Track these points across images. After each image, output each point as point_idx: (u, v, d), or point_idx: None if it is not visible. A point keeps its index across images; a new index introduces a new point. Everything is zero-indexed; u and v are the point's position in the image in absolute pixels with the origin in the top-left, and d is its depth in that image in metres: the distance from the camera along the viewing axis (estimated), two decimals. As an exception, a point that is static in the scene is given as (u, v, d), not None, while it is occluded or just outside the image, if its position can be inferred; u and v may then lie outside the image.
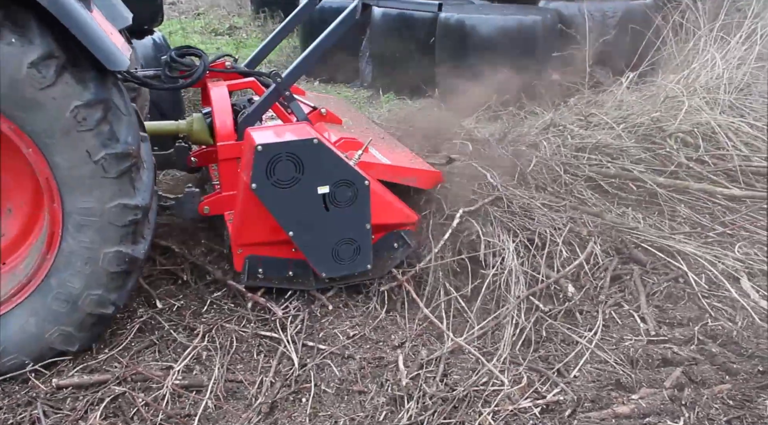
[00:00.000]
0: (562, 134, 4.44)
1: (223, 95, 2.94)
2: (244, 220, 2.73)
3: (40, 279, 2.48)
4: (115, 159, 2.37)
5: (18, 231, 2.64)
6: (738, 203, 3.92)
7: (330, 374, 2.58)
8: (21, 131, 2.29)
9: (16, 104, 2.24)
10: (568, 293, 2.97)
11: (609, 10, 5.70)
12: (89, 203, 2.40)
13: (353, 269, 2.83)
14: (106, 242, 2.45)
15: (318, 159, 2.61)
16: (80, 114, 2.28)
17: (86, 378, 2.51)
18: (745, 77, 5.03)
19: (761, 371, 2.55)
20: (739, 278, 3.18)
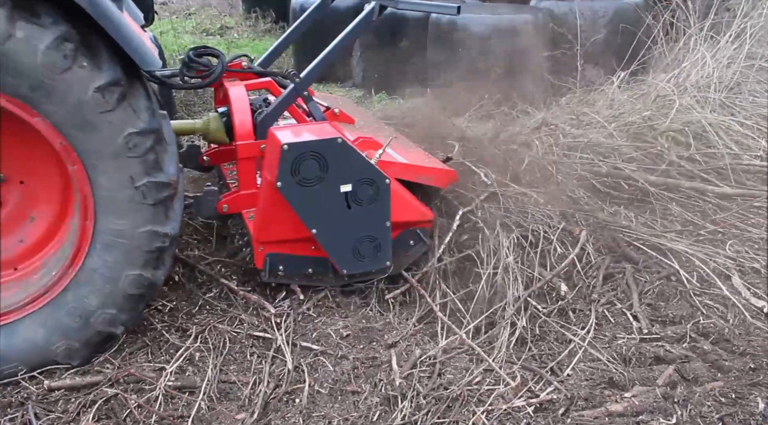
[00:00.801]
0: (554, 133, 4.46)
1: (241, 95, 2.97)
2: (266, 218, 2.76)
3: (57, 292, 2.50)
4: (155, 187, 2.43)
5: (35, 240, 2.65)
6: (729, 201, 3.94)
7: (323, 374, 2.57)
8: (71, 148, 2.33)
9: (75, 124, 2.29)
10: (561, 292, 2.98)
11: (600, 10, 5.72)
12: (122, 226, 2.44)
13: (373, 266, 2.88)
14: (130, 264, 2.49)
15: (342, 158, 2.65)
16: (132, 141, 2.35)
17: (78, 380, 2.49)
18: (735, 76, 5.06)
19: (753, 368, 2.57)
20: (730, 276, 3.20)
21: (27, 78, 2.18)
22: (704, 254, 3.34)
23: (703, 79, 5.04)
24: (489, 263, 3.01)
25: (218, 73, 3.00)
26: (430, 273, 3.03)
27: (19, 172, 2.56)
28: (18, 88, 2.20)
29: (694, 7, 5.69)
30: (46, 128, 2.29)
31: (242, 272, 3.17)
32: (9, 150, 2.50)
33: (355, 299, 3.01)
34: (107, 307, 2.51)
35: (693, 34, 5.48)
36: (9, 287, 2.57)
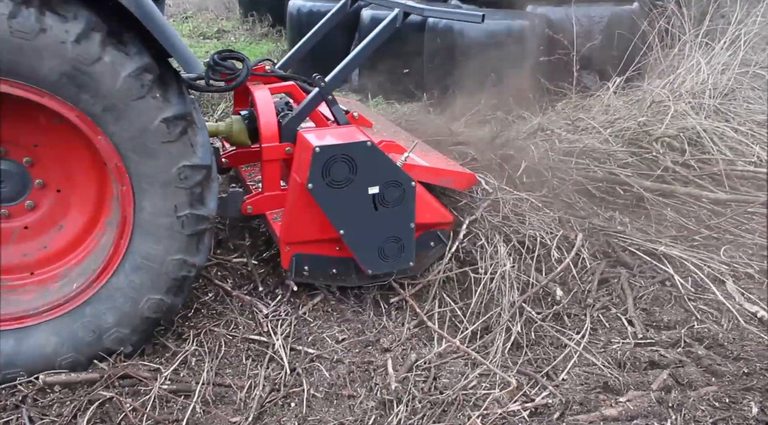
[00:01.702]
0: (550, 138, 4.47)
1: (266, 98, 3.01)
2: (294, 219, 2.81)
3: (76, 304, 2.52)
4: (195, 219, 2.49)
5: (59, 248, 2.67)
6: (723, 206, 3.96)
7: (319, 378, 2.58)
8: (125, 170, 2.40)
9: (135, 148, 2.36)
10: (556, 296, 2.99)
11: (596, 16, 5.74)
12: (155, 250, 2.49)
13: (397, 266, 2.92)
14: (154, 289, 2.53)
15: (370, 161, 2.71)
16: (184, 173, 2.42)
17: (74, 376, 2.49)
18: (730, 82, 5.08)
19: (746, 373, 2.58)
20: (724, 281, 3.22)
21: (103, 99, 2.26)
22: (699, 260, 3.36)
23: (698, 86, 5.07)
24: (487, 269, 3.02)
25: (244, 76, 3.03)
26: (433, 281, 3.04)
27: (59, 180, 2.61)
28: (92, 107, 2.28)
29: (689, 13, 5.72)
30: (106, 147, 2.36)
31: (238, 276, 3.18)
32: (58, 159, 2.56)
33: (351, 304, 3.01)
34: (122, 326, 2.54)
35: (688, 40, 5.51)
36: (28, 291, 2.58)
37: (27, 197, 2.57)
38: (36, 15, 2.10)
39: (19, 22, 2.08)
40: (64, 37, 2.14)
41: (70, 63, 2.18)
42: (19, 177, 2.53)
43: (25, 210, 2.59)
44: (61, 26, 2.14)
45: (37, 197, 2.59)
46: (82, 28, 2.16)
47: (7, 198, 2.54)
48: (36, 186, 2.57)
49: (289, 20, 6.95)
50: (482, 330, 2.83)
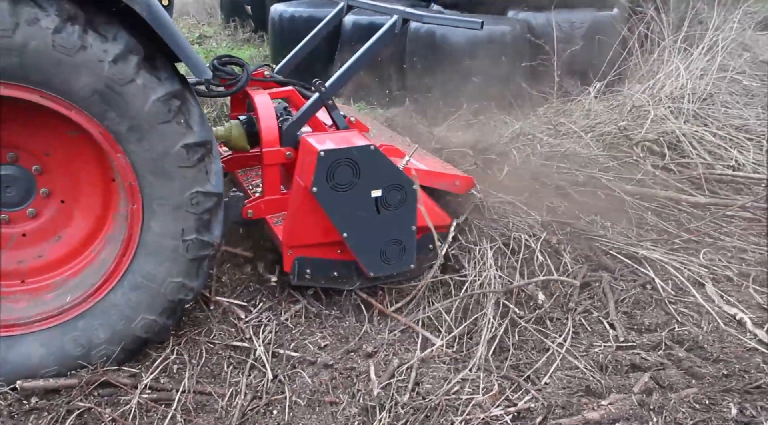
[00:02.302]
0: (532, 142, 4.50)
1: (267, 103, 3.03)
2: (297, 222, 2.83)
3: (69, 317, 2.51)
4: (200, 245, 2.51)
5: (54, 259, 2.66)
6: (702, 210, 4.00)
7: (301, 385, 2.56)
8: (138, 190, 2.41)
9: (152, 170, 2.39)
10: (538, 300, 3.00)
11: (576, 21, 5.79)
12: (156, 271, 2.50)
13: (398, 268, 2.96)
14: (150, 309, 2.54)
15: (373, 165, 2.75)
16: (196, 199, 2.46)
17: (52, 382, 2.45)
18: (708, 88, 5.16)
19: (726, 374, 2.60)
20: (704, 284, 3.25)
21: (130, 119, 2.30)
22: (679, 263, 3.39)
23: (677, 91, 5.13)
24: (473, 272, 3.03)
25: (244, 81, 3.06)
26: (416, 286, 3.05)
27: (64, 191, 2.61)
28: (117, 125, 2.30)
29: (668, 19, 5.80)
30: (124, 165, 2.37)
31: (219, 284, 3.15)
32: (67, 171, 2.57)
33: (333, 310, 3.00)
34: (113, 344, 2.53)
35: (667, 46, 5.59)
36: (19, 299, 2.55)
37: (30, 205, 2.58)
38: (79, 32, 2.15)
39: (63, 37, 2.13)
40: (103, 56, 2.20)
41: (105, 81, 2.22)
42: (25, 184, 2.54)
43: (26, 217, 2.58)
44: (100, 45, 2.19)
45: (40, 205, 2.60)
46: (120, 50, 2.22)
47: (10, 204, 2.54)
48: (41, 195, 2.58)
49: (271, 25, 6.94)
50: (466, 334, 2.83)
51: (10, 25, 2.06)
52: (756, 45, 6.90)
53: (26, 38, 2.09)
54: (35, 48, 2.11)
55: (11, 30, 2.07)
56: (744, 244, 3.70)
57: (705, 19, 5.98)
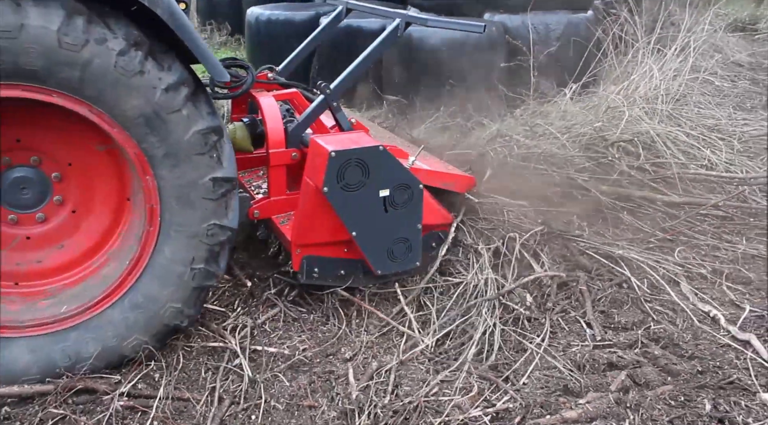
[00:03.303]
0: (509, 144, 4.52)
1: (272, 105, 3.06)
2: (306, 222, 2.87)
3: (62, 327, 2.50)
4: (206, 275, 2.57)
5: (53, 266, 2.65)
6: (677, 209, 4.06)
7: (279, 389, 2.55)
8: (158, 214, 2.47)
9: (177, 197, 2.46)
10: (526, 302, 3.02)
11: (552, 23, 5.84)
12: (158, 294, 2.54)
13: (405, 266, 3.01)
14: (144, 330, 2.56)
15: (381, 164, 2.81)
16: (212, 230, 2.53)
17: (26, 388, 2.41)
18: (681, 88, 5.24)
19: (700, 371, 2.63)
20: (679, 282, 3.29)
21: (168, 146, 2.38)
22: (654, 261, 3.43)
23: (651, 91, 5.20)
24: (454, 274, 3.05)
25: (249, 84, 3.07)
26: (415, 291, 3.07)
27: (77, 202, 2.63)
28: (154, 149, 2.38)
29: (641, 21, 5.87)
30: (151, 188, 2.43)
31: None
32: (85, 183, 2.60)
33: (312, 313, 2.99)
34: (100, 360, 2.53)
35: (641, 47, 5.66)
36: (12, 301, 2.53)
37: (41, 209, 2.59)
38: (141, 58, 2.26)
39: (125, 60, 2.23)
40: (157, 83, 2.30)
41: (153, 107, 2.31)
42: (41, 188, 2.56)
43: (34, 221, 2.59)
44: (157, 73, 2.30)
45: (51, 211, 2.61)
46: (174, 80, 2.33)
47: (22, 205, 2.56)
48: (54, 201, 2.60)
49: (247, 28, 6.90)
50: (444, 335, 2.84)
51: (81, 41, 2.16)
52: (727, 46, 7.03)
53: (92, 55, 2.19)
54: (98, 65, 2.21)
55: (80, 46, 2.16)
56: (717, 242, 3.76)
57: (677, 21, 6.07)
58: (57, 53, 2.14)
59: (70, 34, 2.14)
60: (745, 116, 5.83)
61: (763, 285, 3.34)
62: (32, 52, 2.11)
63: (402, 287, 3.09)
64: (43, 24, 2.10)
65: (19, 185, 2.52)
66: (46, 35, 2.11)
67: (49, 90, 2.21)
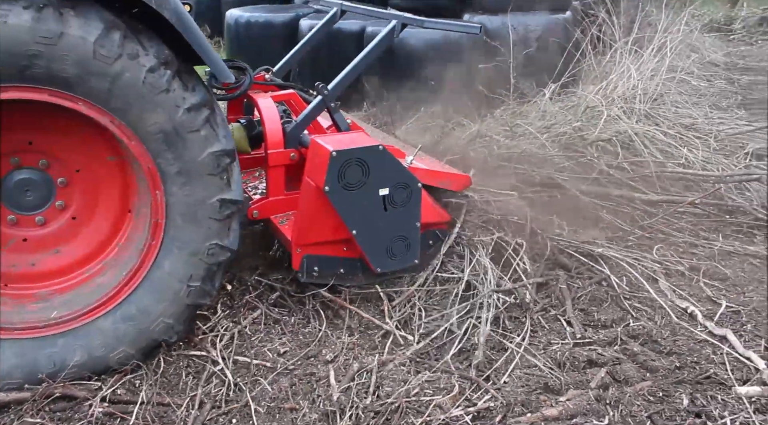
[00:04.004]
0: (489, 144, 4.55)
1: (270, 106, 3.09)
2: (307, 221, 2.90)
3: (52, 333, 2.48)
4: (199, 293, 2.60)
5: (45, 271, 2.63)
6: (655, 207, 4.10)
7: (261, 392, 2.54)
8: (162, 229, 2.50)
9: (184, 215, 2.50)
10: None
11: (531, 24, 5.88)
12: (152, 308, 2.55)
13: (403, 264, 3.05)
14: (132, 343, 2.56)
15: (381, 163, 2.85)
16: (212, 250, 2.56)
17: (3, 396, 2.38)
18: (658, 88, 5.30)
19: (678, 366, 2.67)
20: (657, 279, 3.33)
21: (182, 163, 2.43)
22: (633, 259, 3.47)
23: (629, 91, 5.26)
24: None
25: (247, 85, 3.08)
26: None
27: (79, 209, 2.64)
28: (168, 165, 2.43)
29: (618, 22, 5.94)
30: (159, 203, 2.46)
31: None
32: (90, 191, 2.62)
33: (293, 316, 2.99)
34: (84, 368, 2.52)
35: (618, 47, 5.72)
36: (5, 302, 2.50)
37: (41, 213, 2.59)
38: (169, 77, 2.33)
39: (154, 77, 2.30)
40: (180, 102, 2.36)
41: (174, 124, 2.37)
42: (45, 192, 2.57)
43: (34, 223, 2.59)
44: (182, 93, 2.36)
45: (51, 216, 2.61)
46: (196, 101, 2.40)
47: (24, 206, 2.56)
48: (56, 206, 2.60)
49: (226, 31, 6.88)
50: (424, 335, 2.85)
51: (114, 54, 2.22)
52: (703, 46, 7.13)
53: (123, 69, 2.25)
54: (127, 79, 2.27)
55: (113, 59, 2.23)
56: (695, 239, 3.81)
57: (654, 22, 6.14)
58: (90, 63, 2.20)
59: (106, 47, 2.21)
60: (721, 114, 5.92)
61: (739, 281, 3.39)
62: (67, 59, 2.17)
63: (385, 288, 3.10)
64: (82, 34, 2.17)
65: (24, 187, 2.53)
66: (82, 45, 2.17)
67: (76, 97, 2.26)
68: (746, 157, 5.05)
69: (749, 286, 3.34)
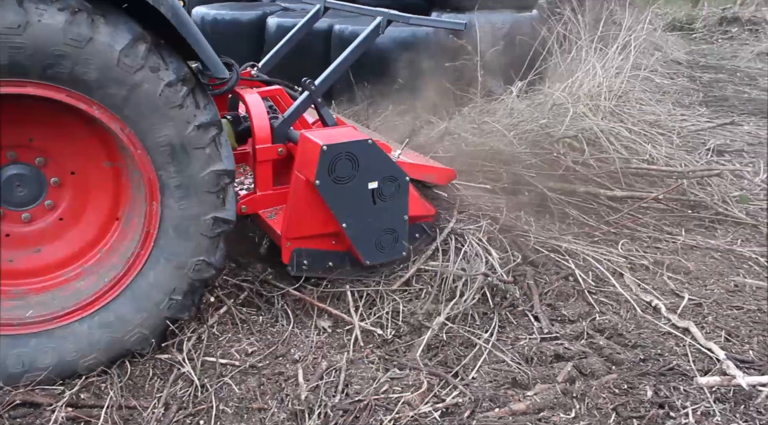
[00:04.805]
0: (457, 141, 4.57)
1: (258, 102, 3.09)
2: (296, 215, 2.92)
3: (25, 332, 2.44)
4: (179, 307, 2.64)
5: (23, 270, 2.60)
6: (620, 203, 4.17)
7: (228, 393, 2.51)
8: (153, 240, 2.53)
9: (176, 227, 2.53)
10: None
11: (497, 22, 5.91)
12: (130, 316, 2.55)
13: (391, 256, 3.10)
14: (106, 352, 2.54)
15: (370, 157, 2.89)
16: (198, 266, 2.61)
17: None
18: (623, 85, 5.38)
19: (642, 359, 2.71)
20: (622, 274, 3.38)
21: (184, 178, 2.49)
22: (599, 254, 3.52)
23: (595, 88, 5.32)
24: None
25: (234, 81, 3.05)
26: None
27: (67, 211, 2.64)
28: (170, 178, 2.47)
29: (584, 20, 6.01)
30: (154, 214, 2.50)
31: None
32: (81, 194, 2.63)
33: (261, 315, 2.96)
34: (54, 372, 2.48)
35: (584, 45, 5.79)
36: None
37: (29, 210, 2.59)
38: (185, 93, 2.40)
39: (171, 91, 2.37)
40: (192, 119, 2.43)
41: (182, 139, 2.43)
42: (36, 190, 2.57)
43: (19, 220, 2.58)
44: (194, 110, 2.44)
45: (38, 214, 2.61)
46: (206, 120, 2.47)
47: (12, 202, 2.55)
48: (45, 205, 2.60)
49: (193, 28, 6.78)
50: (395, 333, 2.85)
51: (137, 65, 2.29)
52: (666, 44, 7.26)
53: (143, 80, 2.31)
54: (145, 90, 2.33)
55: (135, 69, 2.29)
56: (658, 234, 3.88)
57: (618, 20, 6.24)
58: (113, 70, 2.26)
59: (130, 56, 2.27)
60: (683, 111, 6.05)
61: (701, 274, 3.46)
62: (91, 63, 2.23)
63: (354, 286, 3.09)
64: (109, 42, 2.23)
65: (16, 182, 2.53)
66: (108, 52, 2.24)
67: (91, 101, 2.30)
68: (708, 153, 5.17)
69: (710, 279, 3.42)
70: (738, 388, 2.51)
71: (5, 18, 2.07)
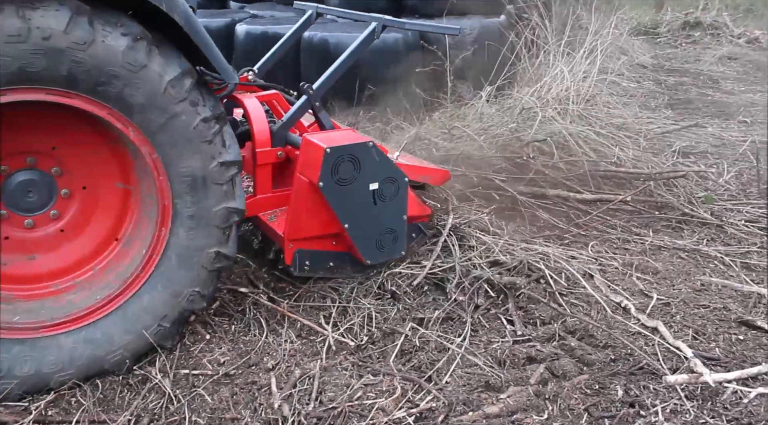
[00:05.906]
0: (428, 146, 4.59)
1: (257, 106, 3.12)
2: (298, 217, 2.98)
3: (9, 337, 2.41)
4: (165, 335, 2.66)
5: (15, 275, 2.57)
6: (590, 205, 4.23)
7: (201, 403, 2.48)
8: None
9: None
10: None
11: (466, 28, 5.97)
12: (117, 338, 2.55)
13: (390, 255, 3.18)
14: (85, 369, 2.52)
15: (371, 159, 2.95)
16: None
17: None
18: (590, 89, 5.45)
19: (613, 359, 2.75)
20: (593, 275, 3.42)
21: (196, 209, 2.57)
22: (569, 256, 3.56)
23: (563, 93, 5.39)
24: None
25: (233, 86, 3.00)
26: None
27: (70, 223, 2.65)
28: (185, 207, 2.55)
29: (551, 25, 6.09)
30: (161, 241, 2.56)
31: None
32: (88, 208, 2.66)
33: (234, 324, 2.94)
34: (26, 382, 2.44)
35: (551, 50, 5.86)
36: None
37: (33, 217, 2.60)
38: (216, 130, 2.52)
39: (205, 126, 2.48)
40: (217, 155, 2.54)
41: (204, 173, 2.53)
42: (46, 198, 2.59)
43: (21, 225, 2.59)
44: (220, 147, 2.54)
45: (41, 222, 2.62)
46: (229, 159, 2.58)
47: (19, 206, 2.57)
48: (50, 214, 2.62)
49: (162, 35, 6.72)
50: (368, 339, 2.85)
51: (181, 97, 2.41)
52: (632, 49, 7.39)
53: (182, 111, 2.43)
54: (181, 122, 2.44)
55: (178, 100, 2.41)
56: (627, 235, 3.94)
57: (585, 25, 6.33)
58: (158, 97, 2.38)
59: (176, 88, 2.39)
60: (649, 114, 6.17)
61: (668, 274, 3.53)
62: (140, 88, 2.34)
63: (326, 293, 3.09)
64: (160, 71, 2.35)
65: (28, 187, 2.55)
66: (158, 80, 2.36)
67: (129, 122, 2.39)
68: (673, 155, 5.27)
69: (678, 279, 3.48)
70: (705, 385, 2.57)
71: (75, 34, 2.19)
